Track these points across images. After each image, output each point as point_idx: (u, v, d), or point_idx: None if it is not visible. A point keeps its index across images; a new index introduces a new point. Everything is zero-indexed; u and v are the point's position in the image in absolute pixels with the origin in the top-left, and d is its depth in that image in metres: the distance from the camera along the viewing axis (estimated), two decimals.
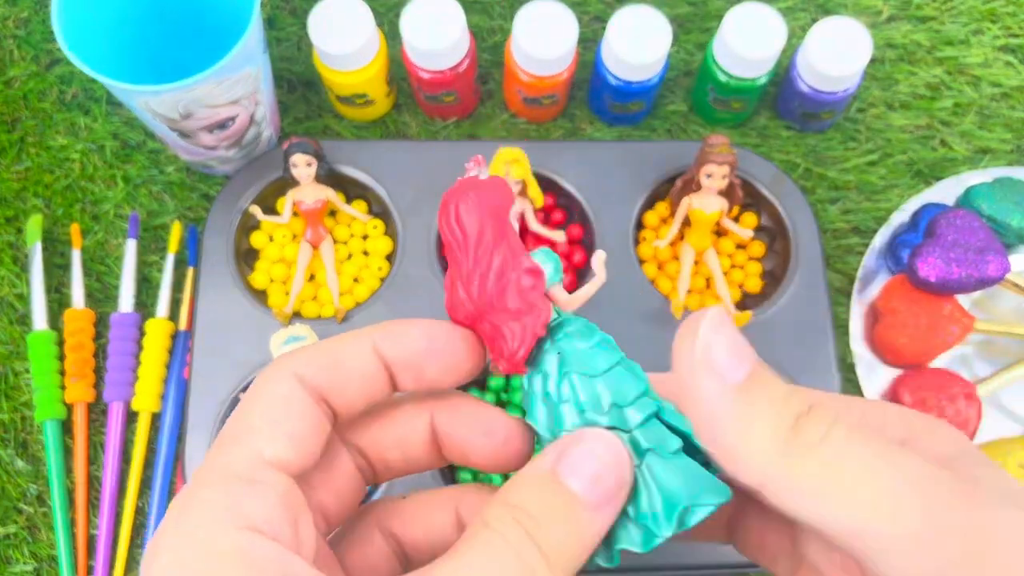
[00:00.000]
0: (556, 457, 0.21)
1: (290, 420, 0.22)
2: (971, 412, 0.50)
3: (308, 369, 0.22)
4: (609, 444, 0.21)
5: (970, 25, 0.61)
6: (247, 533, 0.19)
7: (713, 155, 0.50)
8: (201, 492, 0.20)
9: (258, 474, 0.21)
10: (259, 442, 0.21)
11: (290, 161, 0.52)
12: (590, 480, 0.20)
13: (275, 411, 0.22)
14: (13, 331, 0.54)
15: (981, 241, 0.50)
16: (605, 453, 0.21)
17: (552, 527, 0.20)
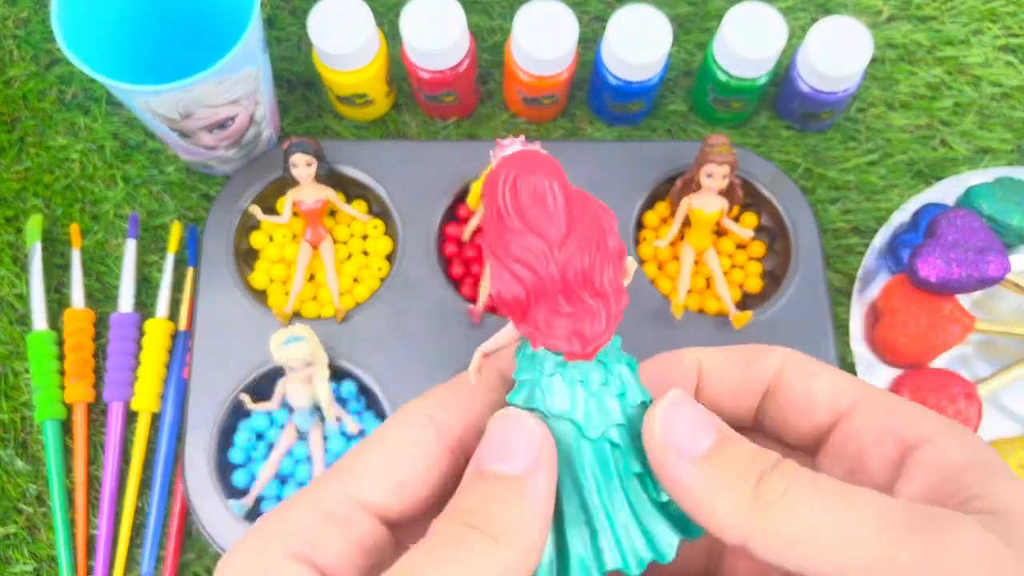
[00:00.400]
0: (477, 456, 0.21)
1: (407, 462, 0.21)
2: (971, 412, 0.50)
3: (444, 412, 0.22)
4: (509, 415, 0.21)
5: (970, 25, 0.61)
6: (304, 568, 0.19)
7: (713, 155, 0.50)
8: (289, 512, 0.20)
9: (337, 508, 0.20)
10: (363, 482, 0.21)
11: (290, 161, 0.52)
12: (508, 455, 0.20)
13: (395, 453, 0.22)
14: (13, 331, 0.54)
15: (981, 241, 0.50)
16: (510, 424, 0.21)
17: (493, 510, 0.20)
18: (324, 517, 0.20)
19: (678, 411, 0.21)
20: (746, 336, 0.52)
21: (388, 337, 0.51)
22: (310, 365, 0.48)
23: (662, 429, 0.21)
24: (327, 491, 0.21)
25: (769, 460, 0.21)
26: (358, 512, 0.21)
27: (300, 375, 0.48)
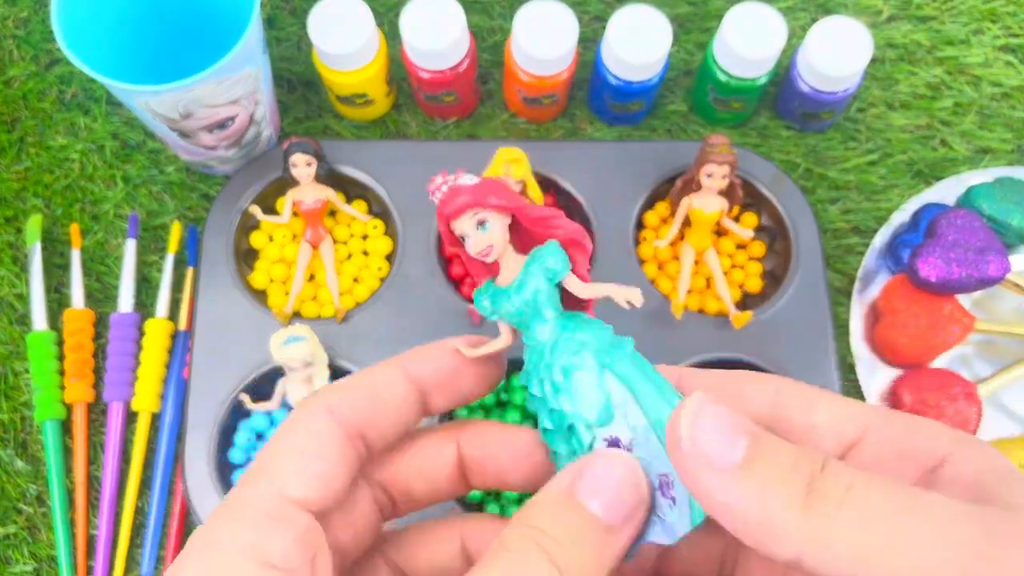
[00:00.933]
0: (573, 478, 0.21)
1: (319, 459, 0.22)
2: (971, 412, 0.50)
3: (343, 404, 0.23)
4: (627, 465, 0.21)
5: (970, 25, 0.61)
6: (266, 570, 0.20)
7: (713, 155, 0.50)
8: (226, 526, 0.21)
9: (282, 512, 0.21)
10: (286, 479, 0.22)
11: (290, 161, 0.52)
12: (609, 501, 0.20)
13: (305, 448, 0.22)
14: (13, 331, 0.54)
15: (981, 241, 0.50)
16: (623, 474, 0.21)
17: (571, 548, 0.19)
18: (265, 521, 0.21)
19: (703, 415, 0.19)
20: (746, 336, 0.52)
21: (388, 337, 0.51)
22: (310, 365, 0.48)
23: (689, 438, 0.19)
24: (259, 491, 0.22)
25: (816, 460, 0.19)
26: (291, 509, 0.21)
27: (300, 375, 0.48)
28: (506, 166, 0.50)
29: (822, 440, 0.22)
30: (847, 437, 0.22)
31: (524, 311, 0.22)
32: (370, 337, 0.51)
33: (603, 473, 0.21)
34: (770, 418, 0.23)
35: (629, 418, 0.22)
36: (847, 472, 0.19)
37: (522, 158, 0.50)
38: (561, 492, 0.21)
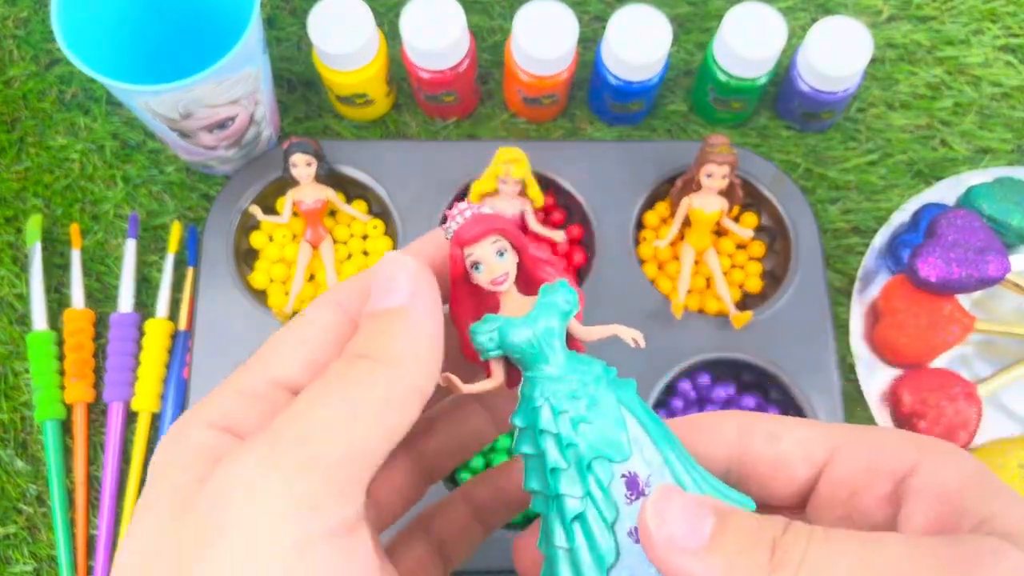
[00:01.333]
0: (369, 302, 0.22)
1: (315, 344, 0.22)
2: (971, 412, 0.50)
3: (349, 296, 0.23)
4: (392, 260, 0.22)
5: (970, 25, 0.61)
6: (210, 431, 0.21)
7: (713, 155, 0.50)
8: (207, 398, 0.22)
9: (258, 389, 0.22)
10: (274, 362, 0.22)
11: (290, 161, 0.52)
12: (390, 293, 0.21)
13: (303, 336, 0.22)
14: (13, 331, 0.54)
15: (981, 241, 0.50)
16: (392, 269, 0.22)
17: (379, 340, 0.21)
18: (240, 395, 0.21)
19: (670, 503, 0.20)
20: (746, 336, 0.52)
21: None
22: None
23: (657, 524, 0.20)
24: (244, 375, 0.22)
25: (777, 526, 0.20)
26: (273, 388, 0.22)
27: None
28: (506, 166, 0.50)
29: (793, 467, 0.23)
30: (817, 460, 0.23)
31: (534, 344, 0.22)
32: None
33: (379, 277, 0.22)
34: (739, 455, 0.23)
35: (645, 453, 0.22)
36: (805, 531, 0.19)
37: (522, 158, 0.50)
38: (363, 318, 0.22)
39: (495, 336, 0.22)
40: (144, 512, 0.20)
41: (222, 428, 0.21)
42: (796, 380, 0.51)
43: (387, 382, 0.20)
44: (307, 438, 0.19)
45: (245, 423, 0.21)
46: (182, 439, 0.21)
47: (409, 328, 0.21)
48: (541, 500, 0.22)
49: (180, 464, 0.20)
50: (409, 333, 0.21)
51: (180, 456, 0.20)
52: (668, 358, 0.51)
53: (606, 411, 0.22)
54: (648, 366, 0.51)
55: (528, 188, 0.51)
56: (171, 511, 0.19)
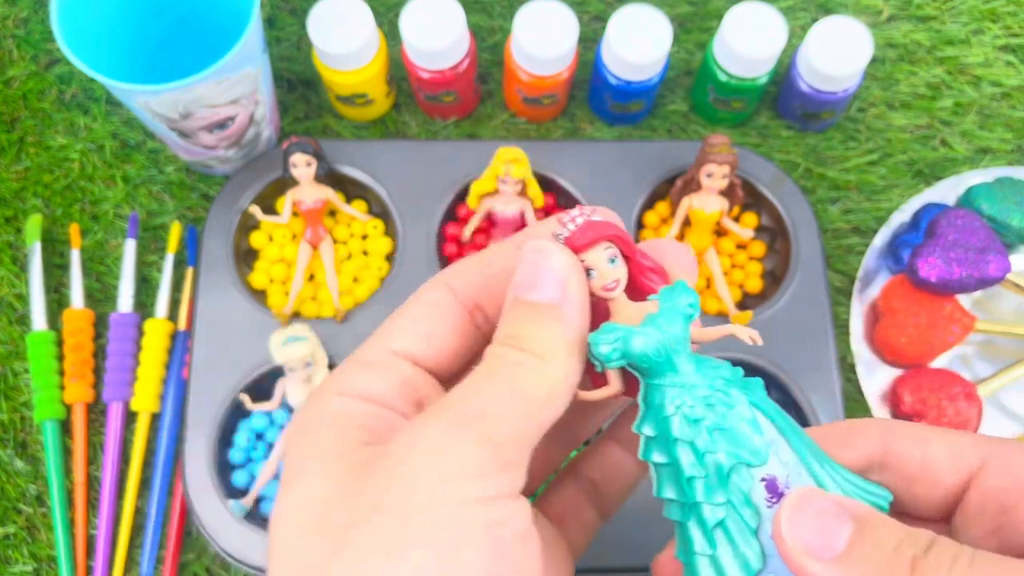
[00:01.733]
0: (512, 286, 0.23)
1: (428, 319, 0.24)
2: (971, 412, 0.50)
3: (459, 277, 0.24)
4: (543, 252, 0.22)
5: (970, 25, 0.61)
6: (343, 398, 0.23)
7: (713, 155, 0.50)
8: (335, 372, 0.24)
9: (380, 359, 0.23)
10: (392, 337, 0.24)
11: (290, 161, 0.52)
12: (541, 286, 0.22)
13: (416, 313, 0.24)
14: (12, 331, 0.54)
15: (982, 241, 0.50)
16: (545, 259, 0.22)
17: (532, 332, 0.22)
18: (363, 365, 0.23)
19: (804, 509, 0.20)
20: None
21: None
22: (310, 365, 0.48)
23: (790, 531, 0.20)
24: (365, 349, 0.24)
25: (921, 542, 0.19)
26: (391, 357, 0.23)
27: (300, 375, 0.48)
28: (506, 166, 0.50)
29: (940, 471, 0.22)
30: (966, 467, 0.22)
31: (662, 352, 0.22)
32: None
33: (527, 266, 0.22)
34: (882, 457, 0.23)
35: (780, 454, 0.21)
36: (950, 552, 0.19)
37: (522, 158, 0.50)
38: (509, 300, 0.23)
39: (618, 346, 0.22)
40: (302, 472, 0.21)
41: (355, 396, 0.23)
42: (796, 380, 0.51)
43: (547, 381, 0.21)
44: (483, 416, 0.20)
45: (375, 389, 0.23)
46: (320, 408, 0.23)
47: (564, 327, 0.22)
48: (676, 507, 0.22)
49: (326, 429, 0.22)
50: (564, 332, 0.22)
51: (323, 422, 0.22)
52: None
53: (740, 415, 0.22)
54: None
55: (528, 188, 0.51)
56: (341, 467, 0.21)
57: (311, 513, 0.20)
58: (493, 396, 0.21)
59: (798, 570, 0.20)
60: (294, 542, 0.20)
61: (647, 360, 0.22)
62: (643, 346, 0.22)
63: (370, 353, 0.24)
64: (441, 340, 0.24)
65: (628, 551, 0.48)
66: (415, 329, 0.24)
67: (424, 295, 0.24)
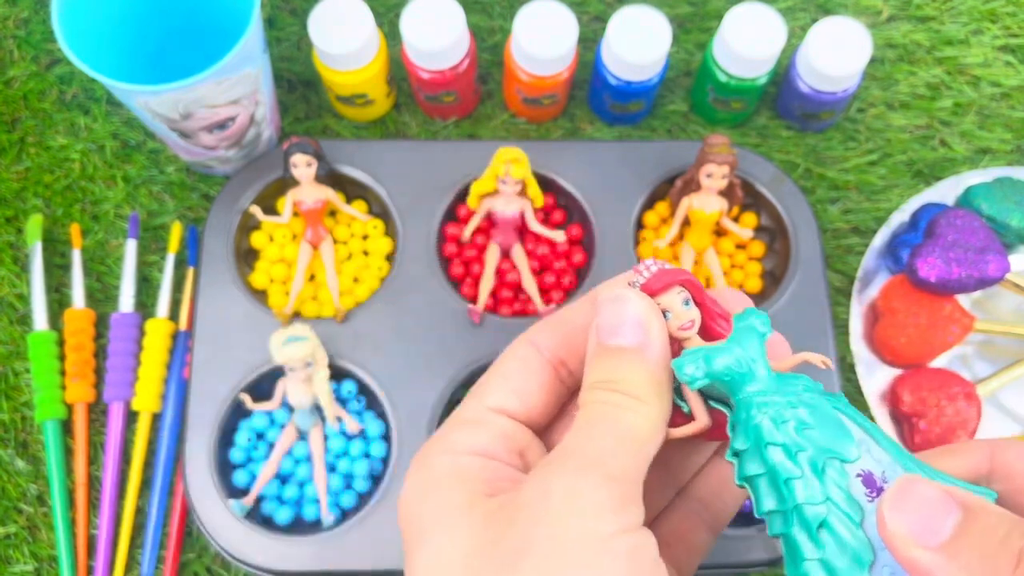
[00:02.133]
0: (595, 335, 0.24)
1: (518, 376, 0.26)
2: (971, 412, 0.50)
3: (542, 335, 0.26)
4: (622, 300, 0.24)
5: (970, 25, 0.61)
6: (455, 455, 0.24)
7: (713, 155, 0.50)
8: (439, 433, 0.25)
9: (479, 416, 0.25)
10: (486, 395, 0.26)
11: (290, 161, 0.52)
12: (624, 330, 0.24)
13: (507, 371, 0.26)
14: (13, 331, 0.55)
15: (981, 241, 0.50)
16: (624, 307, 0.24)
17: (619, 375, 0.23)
18: (463, 424, 0.25)
19: (908, 496, 0.20)
20: None
21: (388, 337, 0.51)
22: (310, 365, 0.49)
23: (894, 517, 0.20)
24: (465, 408, 0.26)
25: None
26: (487, 414, 0.25)
27: (300, 375, 0.48)
28: (506, 166, 0.50)
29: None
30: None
31: (740, 363, 0.23)
32: (370, 337, 0.51)
33: (607, 314, 0.24)
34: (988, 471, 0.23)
35: (873, 453, 0.22)
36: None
37: (522, 158, 0.50)
38: (593, 349, 0.24)
39: (702, 364, 0.23)
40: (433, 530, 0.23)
41: (463, 452, 0.24)
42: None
43: (647, 420, 0.23)
44: (602, 459, 0.22)
45: (480, 443, 0.25)
46: (433, 466, 0.24)
47: (651, 366, 0.23)
48: (779, 518, 0.22)
49: (447, 486, 0.24)
50: (652, 370, 0.23)
51: (442, 480, 0.24)
52: None
53: (825, 416, 0.22)
54: None
55: (528, 188, 0.51)
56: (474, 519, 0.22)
57: (455, 567, 0.22)
58: (605, 439, 0.22)
59: (903, 558, 0.20)
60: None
61: (730, 373, 0.23)
62: (724, 361, 0.23)
63: (468, 412, 0.25)
64: (531, 395, 0.26)
65: None
66: (507, 386, 0.26)
67: (512, 354, 0.26)
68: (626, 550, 0.21)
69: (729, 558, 0.48)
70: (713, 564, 0.48)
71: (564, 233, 0.53)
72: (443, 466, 0.24)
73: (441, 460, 0.24)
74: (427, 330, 0.52)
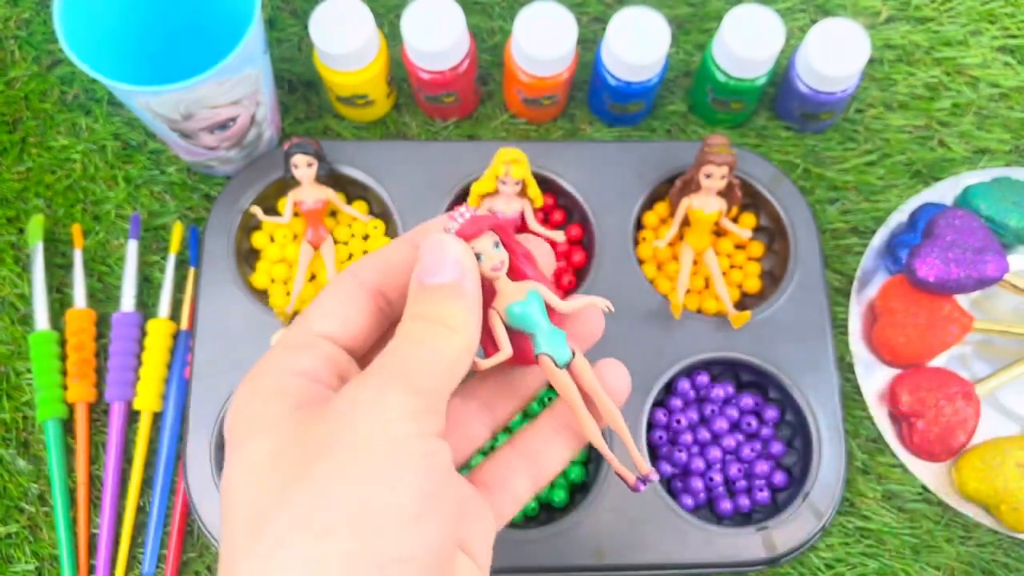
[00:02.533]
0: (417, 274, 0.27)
1: (340, 305, 0.27)
2: (969, 411, 0.50)
3: (364, 270, 0.28)
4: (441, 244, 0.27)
5: (968, 26, 0.61)
6: (279, 375, 0.26)
7: (712, 155, 0.50)
8: (266, 354, 0.27)
9: (307, 340, 0.27)
10: (313, 320, 0.27)
11: (291, 162, 0.52)
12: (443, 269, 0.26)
13: (331, 299, 0.28)
14: (15, 331, 0.55)
15: (980, 241, 0.51)
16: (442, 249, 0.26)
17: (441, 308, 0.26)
18: (289, 347, 0.26)
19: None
20: (745, 336, 0.52)
21: None
22: None
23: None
24: (291, 333, 0.27)
25: None
26: (315, 338, 0.27)
27: None
28: (506, 166, 0.50)
29: None
30: None
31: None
32: None
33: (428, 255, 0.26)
34: None
35: None
36: None
37: (522, 158, 0.50)
38: (415, 286, 0.26)
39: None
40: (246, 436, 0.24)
41: (287, 373, 0.26)
42: (795, 380, 0.51)
43: (455, 345, 0.25)
44: (408, 372, 0.25)
45: (305, 366, 0.26)
46: (255, 386, 0.26)
47: (464, 303, 0.26)
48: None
49: (264, 401, 0.25)
50: (465, 306, 0.26)
51: (260, 396, 0.25)
52: (667, 358, 0.51)
53: None
54: (647, 366, 0.51)
55: (528, 188, 0.51)
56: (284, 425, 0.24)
57: (262, 463, 0.24)
58: (415, 356, 0.25)
59: None
60: (248, 488, 0.23)
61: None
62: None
63: (296, 336, 0.27)
64: (354, 322, 0.27)
65: (628, 551, 0.48)
66: (333, 313, 0.27)
67: (336, 286, 0.28)
68: (421, 452, 0.24)
69: (727, 558, 0.48)
70: (712, 564, 0.48)
71: (564, 233, 0.54)
72: (266, 384, 0.26)
73: (265, 379, 0.26)
74: None
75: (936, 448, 0.50)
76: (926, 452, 0.50)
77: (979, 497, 0.50)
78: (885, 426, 0.52)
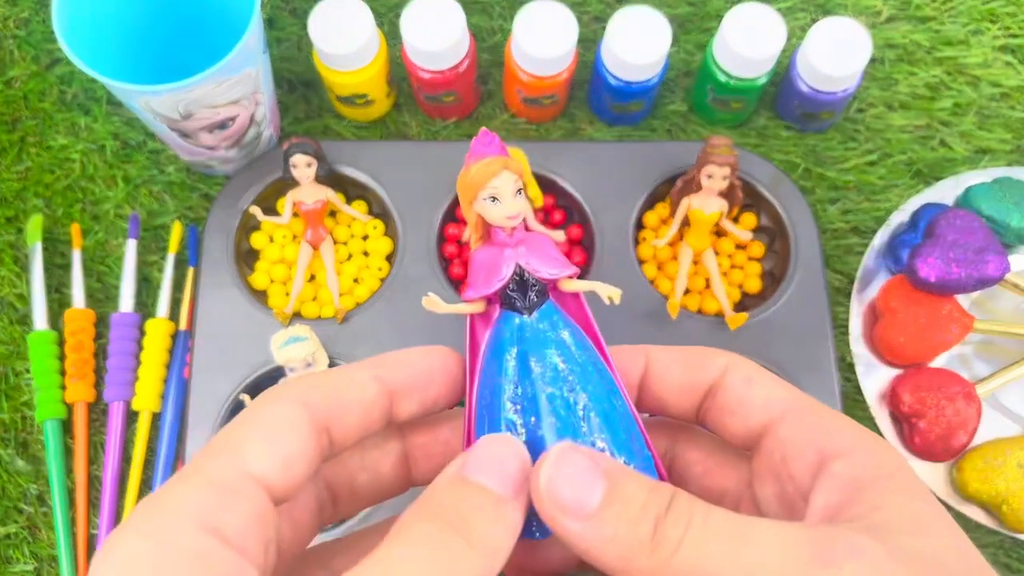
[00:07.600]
0: (462, 463, 0.22)
1: (286, 442, 0.21)
2: (971, 412, 0.50)
3: (312, 395, 0.23)
4: (507, 443, 0.23)
5: (970, 25, 0.61)
6: (212, 538, 0.19)
7: (714, 156, 0.50)
8: (177, 489, 0.20)
9: (241, 485, 0.20)
10: (249, 456, 0.21)
11: (290, 162, 0.52)
12: (497, 474, 0.22)
13: (273, 430, 0.22)
14: (13, 331, 0.55)
15: (980, 241, 0.50)
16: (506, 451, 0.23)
17: (471, 517, 0.21)
18: (215, 489, 0.20)
19: (562, 466, 0.21)
20: (745, 336, 0.52)
21: (388, 337, 0.51)
22: (310, 365, 0.49)
23: (547, 489, 0.21)
24: (214, 465, 0.21)
25: (663, 499, 0.21)
26: (251, 484, 0.20)
27: (301, 375, 0.48)
28: None
29: (750, 412, 0.25)
30: (770, 414, 0.25)
31: None
32: (370, 337, 0.51)
33: (486, 449, 0.22)
34: (716, 384, 0.26)
35: None
36: (686, 512, 0.21)
37: (522, 158, 0.50)
38: (454, 473, 0.22)
39: None
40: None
41: (208, 529, 0.19)
42: (795, 380, 0.51)
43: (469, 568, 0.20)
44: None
45: (234, 525, 0.20)
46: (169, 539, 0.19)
47: (502, 523, 0.21)
48: None
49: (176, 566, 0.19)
50: (501, 528, 0.21)
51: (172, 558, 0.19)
52: None
53: None
54: None
55: (528, 188, 0.51)
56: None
57: None
58: None
59: (556, 525, 0.21)
60: None
61: None
62: None
63: (221, 472, 0.20)
64: (294, 464, 0.21)
65: None
66: (273, 450, 0.21)
67: (279, 409, 0.22)
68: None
69: None
70: None
71: (564, 233, 0.53)
72: (185, 546, 0.19)
73: (184, 535, 0.19)
74: (427, 330, 0.52)
75: (937, 448, 0.50)
76: (927, 452, 0.50)
77: (980, 498, 0.49)
78: (886, 426, 0.52)
